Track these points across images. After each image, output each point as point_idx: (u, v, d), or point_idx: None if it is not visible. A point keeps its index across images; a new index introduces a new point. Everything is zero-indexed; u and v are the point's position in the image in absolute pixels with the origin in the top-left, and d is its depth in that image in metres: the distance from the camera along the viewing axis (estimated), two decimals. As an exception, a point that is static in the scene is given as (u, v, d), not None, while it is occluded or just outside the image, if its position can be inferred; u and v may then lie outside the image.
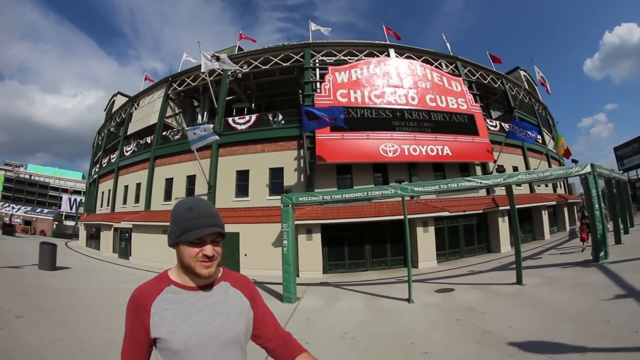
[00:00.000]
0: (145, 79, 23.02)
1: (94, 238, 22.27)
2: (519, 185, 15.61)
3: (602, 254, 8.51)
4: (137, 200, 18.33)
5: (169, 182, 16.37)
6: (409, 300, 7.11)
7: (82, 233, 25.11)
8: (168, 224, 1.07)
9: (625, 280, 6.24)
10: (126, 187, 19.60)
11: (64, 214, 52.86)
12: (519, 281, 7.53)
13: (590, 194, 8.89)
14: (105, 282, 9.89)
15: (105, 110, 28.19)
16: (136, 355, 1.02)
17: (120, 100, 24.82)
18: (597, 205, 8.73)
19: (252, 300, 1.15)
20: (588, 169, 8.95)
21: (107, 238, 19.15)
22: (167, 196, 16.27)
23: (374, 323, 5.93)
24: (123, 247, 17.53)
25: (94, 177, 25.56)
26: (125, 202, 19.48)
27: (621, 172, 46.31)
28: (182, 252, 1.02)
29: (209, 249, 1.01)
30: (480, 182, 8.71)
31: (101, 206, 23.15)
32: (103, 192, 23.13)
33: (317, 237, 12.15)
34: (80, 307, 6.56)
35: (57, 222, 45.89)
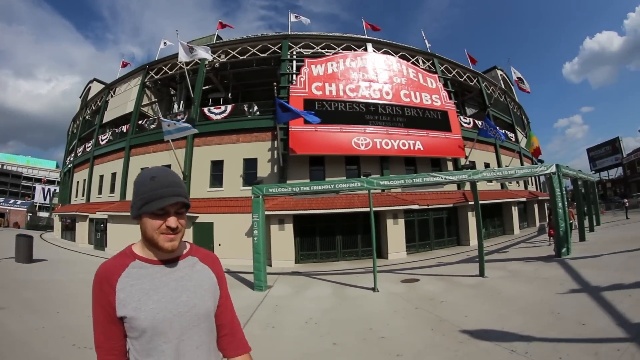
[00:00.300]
0: (123, 65, 22.83)
1: (69, 229, 22.12)
2: (489, 181, 16.44)
3: (564, 250, 8.99)
4: (112, 190, 18.36)
5: (144, 171, 16.51)
6: (374, 289, 7.44)
7: (57, 224, 24.85)
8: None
9: (581, 276, 6.62)
10: (101, 176, 19.55)
11: (37, 204, 51.77)
12: (481, 273, 7.93)
13: (554, 193, 9.40)
14: (83, 273, 9.98)
15: (80, 98, 27.73)
16: (112, 343, 0.98)
17: (96, 87, 24.50)
18: (560, 204, 9.27)
19: (219, 279, 1.14)
20: (553, 169, 9.45)
21: (82, 229, 19.08)
22: (142, 186, 16.43)
23: (338, 310, 6.27)
24: (99, 238, 17.54)
25: (69, 166, 25.25)
26: (100, 192, 19.45)
27: (593, 172, 49.25)
28: (145, 225, 0.99)
29: (172, 221, 0.98)
30: (445, 178, 9.16)
31: (76, 196, 22.94)
32: (78, 182, 22.92)
33: (289, 227, 12.60)
34: (60, 297, 6.78)
35: (31, 214, 44.94)
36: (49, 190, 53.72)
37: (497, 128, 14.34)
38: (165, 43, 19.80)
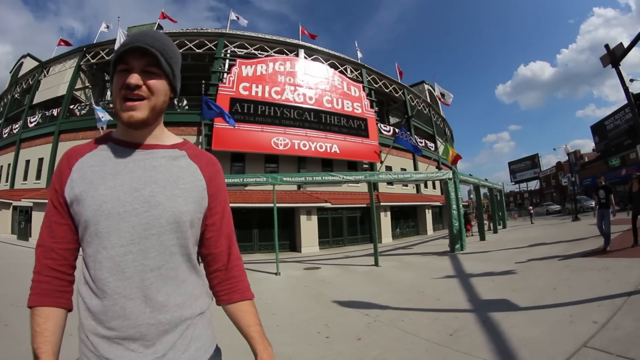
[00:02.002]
0: (59, 43, 23.08)
1: (-12, 219, 21.99)
2: (389, 183, 19.08)
3: (457, 246, 10.79)
4: (38, 176, 18.65)
5: (72, 158, 17.39)
6: (276, 273, 8.71)
7: (-25, 212, 24.46)
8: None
9: (462, 266, 7.83)
10: (28, 161, 19.66)
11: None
12: (376, 263, 9.34)
13: (450, 196, 11.40)
14: (6, 259, 10.67)
15: (10, 73, 27.33)
16: (54, 241, 0.78)
17: (29, 64, 24.33)
18: (454, 206, 11.30)
19: (211, 186, 0.87)
20: (449, 175, 11.56)
21: (4, 218, 18.95)
22: (70, 173, 17.32)
23: (239, 287, 8.02)
24: (23, 228, 17.78)
25: (-8, 148, 24.94)
26: (26, 178, 19.57)
27: (512, 183, 56.60)
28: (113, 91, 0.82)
29: (133, 76, 0.76)
30: (342, 177, 11.07)
31: (-1, 181, 22.92)
32: (2, 167, 22.79)
33: (206, 218, 14.33)
34: (-10, 277, 7.59)
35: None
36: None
37: (409, 140, 16.86)
38: (108, 27, 20.63)
